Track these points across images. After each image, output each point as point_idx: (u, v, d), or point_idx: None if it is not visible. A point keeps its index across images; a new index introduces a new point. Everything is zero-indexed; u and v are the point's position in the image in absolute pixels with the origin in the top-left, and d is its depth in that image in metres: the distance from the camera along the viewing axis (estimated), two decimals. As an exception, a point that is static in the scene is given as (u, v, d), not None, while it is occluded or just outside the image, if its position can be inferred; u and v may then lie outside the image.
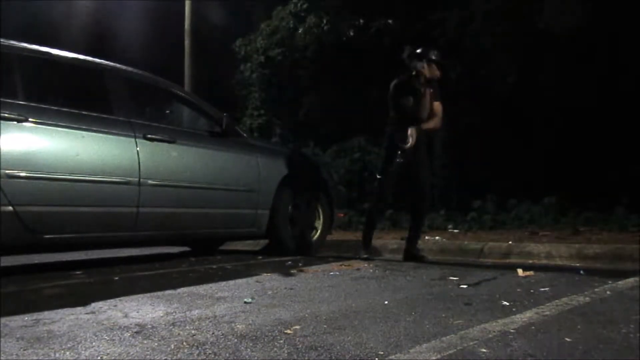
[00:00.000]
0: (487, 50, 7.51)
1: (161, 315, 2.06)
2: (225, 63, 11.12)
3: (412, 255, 4.00)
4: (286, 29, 9.75)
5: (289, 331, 1.79)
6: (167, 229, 3.77)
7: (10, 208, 2.88)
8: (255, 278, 2.98)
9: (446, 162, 7.69)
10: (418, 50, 4.03)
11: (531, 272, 3.12)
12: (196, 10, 9.74)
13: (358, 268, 3.42)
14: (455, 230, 6.12)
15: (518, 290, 2.59)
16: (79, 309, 2.15)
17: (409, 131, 3.82)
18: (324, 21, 9.15)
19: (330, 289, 2.64)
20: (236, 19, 11.60)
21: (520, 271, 3.13)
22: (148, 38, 12.44)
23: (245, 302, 2.29)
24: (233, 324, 1.90)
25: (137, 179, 3.43)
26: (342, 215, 5.28)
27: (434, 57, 4.02)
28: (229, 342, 1.67)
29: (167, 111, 4.42)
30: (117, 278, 3.05)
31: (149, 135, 3.56)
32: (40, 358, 1.52)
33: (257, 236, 4.55)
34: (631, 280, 2.84)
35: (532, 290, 2.56)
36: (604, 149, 6.79)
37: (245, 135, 4.53)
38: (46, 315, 2.05)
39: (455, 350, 1.56)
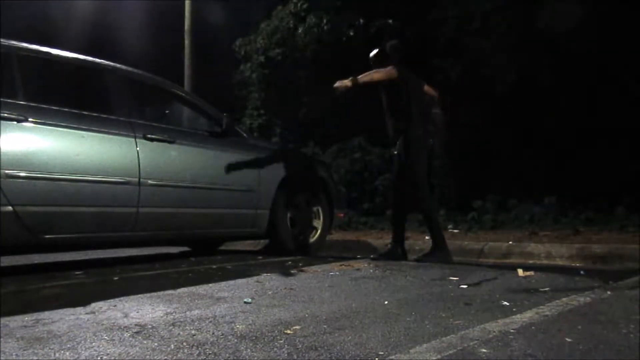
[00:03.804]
0: (487, 50, 7.51)
1: (161, 315, 2.05)
2: (225, 63, 11.12)
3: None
4: (286, 29, 9.75)
5: (289, 331, 1.79)
6: (167, 229, 3.77)
7: (10, 208, 2.88)
8: (255, 278, 2.98)
9: (446, 162, 7.68)
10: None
11: (531, 272, 3.11)
12: (196, 10, 9.73)
13: (358, 268, 3.42)
14: (455, 230, 6.12)
15: (518, 290, 2.59)
16: (79, 309, 2.15)
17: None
18: (324, 21, 9.14)
19: (330, 289, 2.63)
20: (236, 19, 11.58)
21: (520, 271, 3.13)
22: (148, 38, 12.44)
23: (245, 302, 2.29)
24: (233, 324, 1.90)
25: (137, 179, 3.44)
26: (342, 215, 5.28)
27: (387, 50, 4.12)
28: (229, 342, 1.67)
29: (167, 111, 4.42)
30: (117, 278, 3.05)
31: (149, 135, 3.56)
32: (40, 358, 1.52)
33: (257, 236, 4.55)
34: (631, 280, 2.84)
35: (532, 291, 2.56)
36: (604, 149, 6.79)
37: (245, 135, 4.53)
38: (46, 315, 2.05)
39: (455, 350, 1.56)
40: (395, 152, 4.07)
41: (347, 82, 3.82)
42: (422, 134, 3.96)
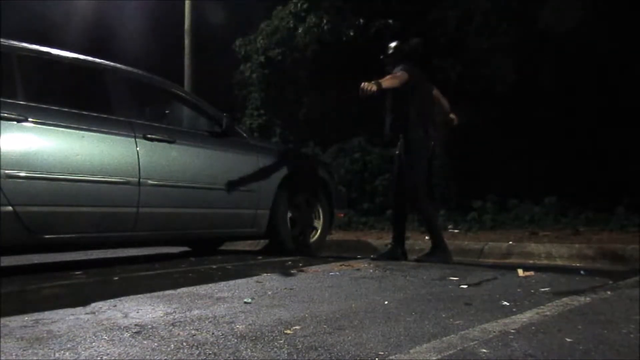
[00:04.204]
0: (487, 50, 7.51)
1: (161, 315, 2.06)
2: (225, 63, 11.12)
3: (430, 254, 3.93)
4: (286, 29, 9.75)
5: (289, 331, 1.79)
6: (167, 229, 3.77)
7: (10, 208, 2.88)
8: (255, 278, 2.98)
9: (446, 162, 7.68)
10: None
11: (531, 272, 3.12)
12: (196, 10, 9.73)
13: (358, 268, 3.42)
14: (456, 230, 6.12)
15: (518, 290, 2.59)
16: (79, 309, 2.15)
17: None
18: (324, 21, 9.14)
19: (330, 289, 2.63)
20: (236, 19, 11.59)
21: (520, 271, 3.13)
22: (148, 38, 12.44)
23: (245, 302, 2.29)
24: (233, 324, 1.90)
25: (137, 179, 3.43)
26: (342, 215, 5.28)
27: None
28: (229, 343, 1.67)
29: (167, 111, 4.42)
30: (117, 278, 3.04)
31: (149, 135, 3.56)
32: (40, 358, 1.52)
33: (257, 236, 4.54)
34: (631, 280, 2.84)
35: (532, 291, 2.56)
36: (604, 149, 6.79)
37: (245, 135, 4.52)
38: (46, 315, 2.05)
39: (455, 350, 1.56)
40: (397, 152, 4.07)
41: (373, 87, 3.73)
42: (422, 135, 3.94)
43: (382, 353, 1.55)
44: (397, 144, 4.06)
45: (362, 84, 3.66)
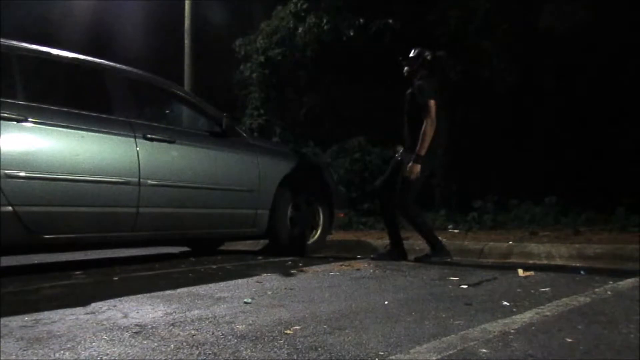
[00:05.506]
0: (487, 50, 7.51)
1: (161, 315, 2.06)
2: (225, 63, 11.12)
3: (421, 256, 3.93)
4: (286, 29, 9.75)
5: (289, 331, 1.79)
6: (167, 229, 3.77)
7: (10, 208, 2.88)
8: (255, 278, 2.98)
9: (446, 162, 7.68)
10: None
11: (531, 272, 3.12)
12: (196, 10, 9.74)
13: (358, 268, 3.42)
14: (456, 231, 6.11)
15: (518, 290, 2.59)
16: (79, 309, 2.15)
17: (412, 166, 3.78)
18: (324, 21, 9.14)
19: (330, 289, 2.63)
20: (236, 19, 11.59)
21: (520, 271, 3.13)
22: (148, 38, 12.44)
23: (245, 303, 2.29)
24: (233, 324, 1.90)
25: (137, 179, 3.44)
26: (342, 215, 5.28)
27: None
28: (229, 343, 1.67)
29: (167, 111, 4.42)
30: (117, 278, 3.05)
31: (149, 135, 3.56)
32: (40, 358, 1.52)
33: (257, 236, 4.55)
34: (631, 280, 2.84)
35: (532, 291, 2.56)
36: (605, 149, 6.79)
37: (245, 135, 4.52)
38: (46, 315, 2.05)
39: (455, 350, 1.56)
40: (398, 157, 4.03)
41: (418, 167, 3.74)
42: (429, 156, 3.88)
43: (382, 353, 1.55)
44: (399, 151, 4.04)
45: (411, 175, 3.71)
